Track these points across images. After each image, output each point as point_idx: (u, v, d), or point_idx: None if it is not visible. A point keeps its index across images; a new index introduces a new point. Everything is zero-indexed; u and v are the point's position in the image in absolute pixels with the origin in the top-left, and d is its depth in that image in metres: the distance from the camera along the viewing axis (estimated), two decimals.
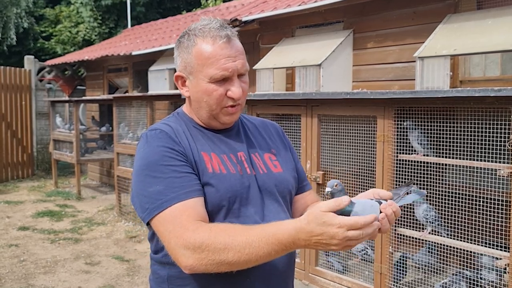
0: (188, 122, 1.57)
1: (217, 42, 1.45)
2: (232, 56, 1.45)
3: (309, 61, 5.06)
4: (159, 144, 1.44)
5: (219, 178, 1.44)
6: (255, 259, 1.29)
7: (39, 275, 5.09)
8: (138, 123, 7.14)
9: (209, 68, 1.45)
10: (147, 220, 1.40)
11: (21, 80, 11.04)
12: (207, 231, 1.31)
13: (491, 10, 4.05)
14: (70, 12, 17.59)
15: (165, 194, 1.37)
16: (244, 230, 1.31)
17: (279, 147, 1.67)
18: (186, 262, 1.31)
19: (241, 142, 1.58)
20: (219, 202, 1.43)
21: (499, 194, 3.11)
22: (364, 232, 1.20)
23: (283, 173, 1.59)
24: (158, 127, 1.51)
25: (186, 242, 1.30)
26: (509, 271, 2.91)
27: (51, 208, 8.16)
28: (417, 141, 3.43)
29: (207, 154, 1.48)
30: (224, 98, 1.48)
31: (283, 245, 1.28)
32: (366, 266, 3.95)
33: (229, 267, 1.31)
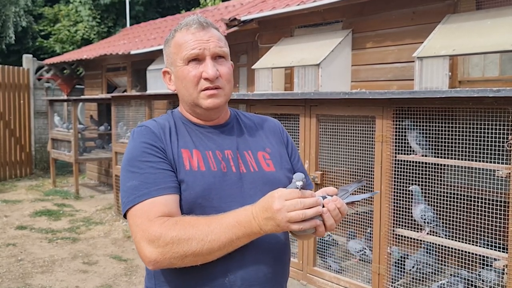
0: (178, 119, 1.58)
1: (190, 29, 1.52)
2: (204, 38, 1.50)
3: (308, 60, 5.06)
4: (141, 140, 1.48)
5: (195, 176, 1.44)
6: (217, 246, 1.31)
7: (36, 275, 5.08)
8: (136, 123, 7.13)
9: (182, 52, 1.51)
10: (123, 214, 1.44)
11: (19, 79, 11.02)
12: (173, 224, 1.33)
13: (490, 11, 4.04)
14: (69, 11, 17.56)
15: (138, 190, 1.40)
16: (207, 220, 1.34)
17: (275, 146, 1.65)
18: (150, 256, 1.33)
19: (231, 140, 1.57)
20: (194, 199, 1.43)
21: (498, 194, 3.10)
22: (302, 202, 1.25)
23: (275, 173, 1.57)
24: (144, 124, 1.54)
25: (151, 235, 1.32)
26: (507, 271, 2.91)
27: (49, 207, 8.15)
28: (415, 141, 3.42)
29: (188, 150, 1.49)
30: (200, 80, 1.50)
31: (242, 227, 1.31)
32: (364, 267, 3.95)
33: (193, 258, 1.32)
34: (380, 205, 3.52)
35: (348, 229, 4.12)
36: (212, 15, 9.22)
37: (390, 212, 3.49)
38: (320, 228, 1.30)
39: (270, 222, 1.28)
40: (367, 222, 3.84)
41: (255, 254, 1.45)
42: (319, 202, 1.28)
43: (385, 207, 3.50)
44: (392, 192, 3.48)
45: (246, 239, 1.33)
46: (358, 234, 4.08)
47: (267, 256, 1.48)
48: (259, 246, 1.44)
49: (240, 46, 7.07)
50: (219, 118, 1.60)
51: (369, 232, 3.85)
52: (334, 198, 1.34)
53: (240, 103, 4.86)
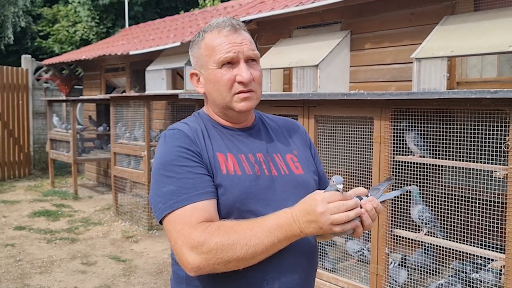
0: (207, 122, 1.57)
1: (222, 31, 1.50)
2: (238, 41, 1.49)
3: (306, 61, 5.06)
4: (176, 144, 1.45)
5: (232, 180, 1.44)
6: (261, 250, 1.31)
7: (35, 275, 5.08)
8: (135, 123, 7.13)
9: (216, 55, 1.49)
10: (159, 219, 1.42)
11: (18, 80, 11.02)
12: (215, 230, 1.32)
13: (488, 12, 4.05)
14: (68, 11, 17.56)
15: (177, 195, 1.38)
16: (248, 224, 1.34)
17: (301, 149, 1.66)
18: (193, 262, 1.31)
19: (260, 143, 1.57)
20: (232, 204, 1.42)
21: (495, 195, 3.11)
22: (344, 204, 1.27)
23: (304, 175, 1.57)
24: (176, 127, 1.52)
25: (194, 242, 1.31)
26: (504, 272, 2.92)
27: (47, 207, 8.15)
28: (413, 142, 3.43)
29: (223, 154, 1.48)
30: (234, 84, 1.49)
31: (283, 230, 1.31)
32: (362, 267, 3.95)
33: (237, 263, 1.32)
34: None
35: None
36: (211, 16, 9.23)
37: (388, 213, 3.50)
38: (359, 229, 1.32)
39: (312, 225, 1.29)
40: None
41: (292, 257, 1.46)
42: (358, 203, 1.31)
43: (383, 207, 3.50)
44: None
45: (287, 242, 1.34)
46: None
47: (302, 259, 1.50)
48: (295, 250, 1.45)
49: None
50: (247, 120, 1.60)
51: (367, 232, 3.86)
52: (370, 198, 1.37)
53: None
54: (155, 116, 8.29)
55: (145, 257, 5.70)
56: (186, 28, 9.00)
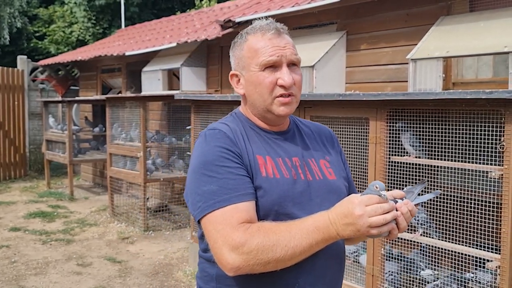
0: (245, 123, 1.58)
1: (266, 34, 1.52)
2: (281, 45, 1.51)
3: (302, 62, 5.04)
4: (217, 144, 1.46)
5: (271, 183, 1.45)
6: (299, 252, 1.33)
7: (30, 277, 5.06)
8: (131, 124, 7.12)
9: (259, 57, 1.50)
10: (198, 218, 1.42)
11: (14, 80, 10.99)
12: (256, 231, 1.33)
13: (484, 13, 4.06)
14: (64, 12, 17.53)
15: (218, 195, 1.38)
16: (287, 226, 1.35)
17: (333, 154, 1.68)
18: (233, 263, 1.32)
19: (296, 147, 1.59)
20: (271, 206, 1.43)
21: (490, 196, 3.11)
22: (381, 207, 1.28)
23: (337, 181, 1.59)
24: (217, 127, 1.52)
25: (235, 242, 1.32)
26: (500, 273, 2.92)
27: (43, 208, 8.12)
28: (409, 143, 3.43)
29: (262, 157, 1.49)
30: (276, 87, 1.50)
31: (321, 232, 1.33)
32: (358, 268, 3.95)
33: (275, 264, 1.33)
34: None
35: None
36: (207, 17, 9.22)
37: None
38: (395, 231, 1.34)
39: (350, 227, 1.30)
40: None
41: (324, 261, 1.48)
42: (394, 206, 1.33)
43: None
44: None
45: (323, 244, 1.35)
46: None
47: (334, 261, 1.52)
48: (327, 253, 1.46)
49: None
50: (283, 124, 1.61)
51: None
52: (405, 201, 1.38)
53: (235, 104, 4.86)
54: (151, 117, 8.28)
55: (141, 258, 5.69)
56: (182, 29, 8.99)
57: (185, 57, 7.13)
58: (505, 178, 2.83)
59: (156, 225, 7.09)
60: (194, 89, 7.03)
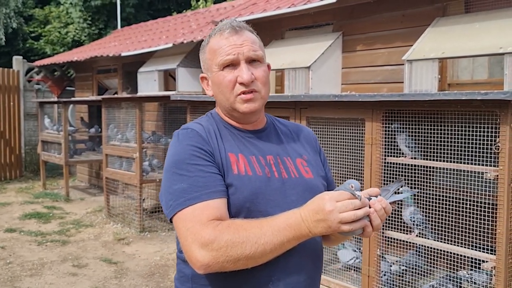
0: (219, 122, 1.59)
1: (223, 34, 1.53)
2: (238, 43, 1.51)
3: (298, 63, 5.07)
4: (189, 143, 1.47)
5: (243, 180, 1.45)
6: (270, 249, 1.32)
7: (25, 278, 5.04)
8: (127, 125, 7.11)
9: (217, 57, 1.52)
10: (170, 217, 1.42)
11: (9, 81, 10.96)
12: (226, 228, 1.33)
13: (479, 14, 4.07)
14: (60, 12, 17.49)
15: (188, 193, 1.39)
16: (258, 223, 1.35)
17: (311, 153, 1.68)
18: (203, 260, 1.32)
19: (271, 145, 1.59)
20: (242, 203, 1.44)
21: (486, 196, 3.12)
22: (352, 203, 1.28)
23: (313, 180, 1.59)
24: (190, 126, 1.54)
25: (204, 239, 1.32)
26: (495, 273, 2.93)
27: (38, 209, 8.10)
28: (404, 144, 3.43)
29: (235, 155, 1.50)
30: (236, 85, 1.51)
31: (292, 229, 1.32)
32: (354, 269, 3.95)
33: (246, 262, 1.33)
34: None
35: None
36: (203, 18, 9.22)
37: None
38: (368, 229, 1.34)
39: (321, 224, 1.30)
40: None
41: (298, 259, 1.47)
42: (367, 203, 1.33)
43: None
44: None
45: (296, 241, 1.35)
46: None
47: (308, 261, 1.52)
48: (302, 251, 1.46)
49: None
50: (257, 122, 1.61)
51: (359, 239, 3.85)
52: (379, 198, 1.38)
53: None
54: (147, 118, 8.27)
55: (137, 259, 5.68)
56: (178, 29, 8.98)
57: (181, 58, 7.13)
58: (500, 179, 2.84)
59: (152, 226, 7.08)
60: (190, 90, 7.02)
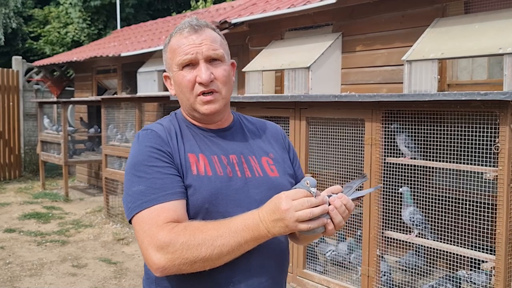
0: (182, 122, 1.57)
1: (183, 33, 1.51)
2: (197, 42, 1.48)
3: (298, 63, 5.07)
4: (147, 144, 1.45)
5: (202, 180, 1.43)
6: (226, 251, 1.31)
7: (25, 278, 5.04)
8: (126, 125, 7.11)
9: (176, 57, 1.50)
10: (129, 219, 1.42)
11: (8, 81, 10.95)
12: (182, 230, 1.32)
13: (479, 15, 4.08)
14: (59, 12, 17.48)
15: (145, 195, 1.38)
16: (215, 224, 1.33)
17: (278, 151, 1.65)
18: (159, 263, 1.31)
19: (235, 144, 1.57)
20: (201, 204, 1.42)
21: (486, 197, 3.13)
22: (309, 200, 1.26)
23: (279, 178, 1.56)
24: (150, 127, 1.52)
25: (160, 242, 1.31)
26: (494, 273, 2.93)
27: (38, 210, 8.09)
28: (404, 144, 3.44)
29: (195, 155, 1.48)
30: (196, 85, 1.48)
31: (250, 230, 1.31)
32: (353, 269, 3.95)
33: (202, 264, 1.31)
34: (370, 208, 3.54)
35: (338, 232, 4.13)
36: (203, 18, 9.18)
37: (379, 215, 3.50)
38: (329, 226, 1.32)
39: (278, 223, 1.29)
40: (357, 224, 3.86)
41: (259, 259, 1.45)
42: (325, 200, 1.30)
43: (374, 209, 3.51)
44: (381, 194, 3.49)
45: (254, 242, 1.33)
46: (347, 236, 4.09)
47: (271, 261, 1.49)
48: (264, 252, 1.45)
49: (231, 49, 7.00)
50: (221, 121, 1.59)
51: (359, 234, 3.86)
52: (339, 195, 1.35)
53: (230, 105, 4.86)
54: (147, 118, 8.27)
55: (136, 259, 5.67)
56: None
57: None
58: (499, 179, 2.85)
59: None
60: None
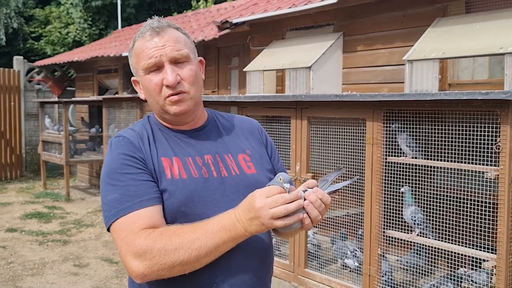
0: (154, 125, 1.55)
1: (145, 37, 1.49)
2: (159, 44, 1.46)
3: (299, 63, 5.08)
4: (120, 152, 1.44)
5: (177, 184, 1.42)
6: (204, 253, 1.30)
7: (26, 277, 5.05)
8: (128, 125, 7.12)
9: (141, 62, 1.48)
10: (107, 228, 1.42)
11: (10, 81, 10.96)
12: (158, 235, 1.31)
13: (480, 14, 4.08)
14: (60, 12, 17.50)
15: (121, 203, 1.38)
16: (192, 227, 1.33)
17: (255, 147, 1.63)
18: (138, 270, 1.31)
19: (210, 144, 1.55)
20: (177, 208, 1.41)
21: (486, 196, 3.13)
22: (282, 197, 1.26)
23: (256, 175, 1.55)
24: (122, 134, 1.51)
25: (137, 249, 1.30)
26: (496, 272, 2.94)
27: (39, 209, 8.11)
28: (405, 144, 3.44)
29: (168, 159, 1.46)
30: (163, 88, 1.46)
31: (227, 231, 1.30)
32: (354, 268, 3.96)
33: (181, 268, 1.31)
34: (371, 207, 3.54)
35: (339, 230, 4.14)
36: (204, 18, 9.23)
37: (380, 214, 3.51)
38: (306, 221, 1.30)
39: (254, 222, 1.28)
40: (358, 223, 3.86)
41: (241, 258, 1.44)
42: (299, 195, 1.29)
43: (375, 209, 3.52)
44: (382, 194, 3.50)
45: (232, 242, 1.33)
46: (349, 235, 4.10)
47: (253, 259, 1.48)
48: (245, 250, 1.43)
49: (232, 49, 7.09)
50: (194, 121, 1.57)
51: (360, 233, 3.87)
52: (314, 189, 1.34)
53: (231, 105, 4.87)
54: None
55: None
56: None
57: None
58: (500, 178, 2.85)
59: None
60: None
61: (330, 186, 1.41)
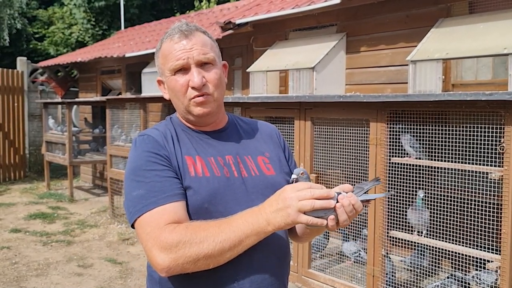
0: (177, 126, 1.60)
1: (173, 39, 1.53)
2: (187, 47, 1.50)
3: (302, 64, 5.08)
4: (145, 149, 1.48)
5: (200, 181, 1.46)
6: (228, 246, 1.33)
7: (31, 278, 5.06)
8: (131, 125, 7.13)
9: (169, 63, 1.52)
10: (131, 224, 1.44)
11: (13, 82, 10.99)
12: (183, 229, 1.34)
13: (483, 15, 4.08)
14: (63, 13, 17.54)
15: (146, 198, 1.40)
16: (216, 222, 1.36)
17: (274, 150, 1.68)
18: (163, 263, 1.33)
19: (231, 145, 1.59)
20: (201, 204, 1.44)
21: (491, 197, 3.13)
22: (312, 192, 1.28)
23: (275, 176, 1.59)
24: (146, 133, 1.55)
25: (163, 243, 1.33)
26: (500, 273, 2.94)
27: (43, 210, 8.12)
28: (409, 144, 3.45)
29: (192, 157, 1.50)
30: (188, 89, 1.51)
31: (250, 224, 1.33)
32: (358, 269, 3.96)
33: (205, 261, 1.33)
34: (375, 208, 3.55)
35: (343, 231, 4.14)
36: (207, 18, 9.23)
37: (384, 215, 3.51)
38: (331, 222, 1.31)
39: (280, 213, 1.30)
40: (362, 224, 3.87)
41: (261, 257, 1.47)
42: (330, 194, 1.30)
43: (379, 209, 3.52)
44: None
45: (255, 237, 1.35)
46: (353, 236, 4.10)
47: (273, 258, 1.51)
48: (265, 249, 1.47)
49: (235, 49, 7.09)
50: (216, 122, 1.61)
51: (364, 234, 3.87)
52: (349, 194, 1.35)
53: (235, 106, 4.88)
54: (151, 118, 8.29)
55: (142, 259, 5.69)
56: None
57: None
58: (505, 179, 2.85)
59: None
60: None
61: (364, 195, 1.42)
